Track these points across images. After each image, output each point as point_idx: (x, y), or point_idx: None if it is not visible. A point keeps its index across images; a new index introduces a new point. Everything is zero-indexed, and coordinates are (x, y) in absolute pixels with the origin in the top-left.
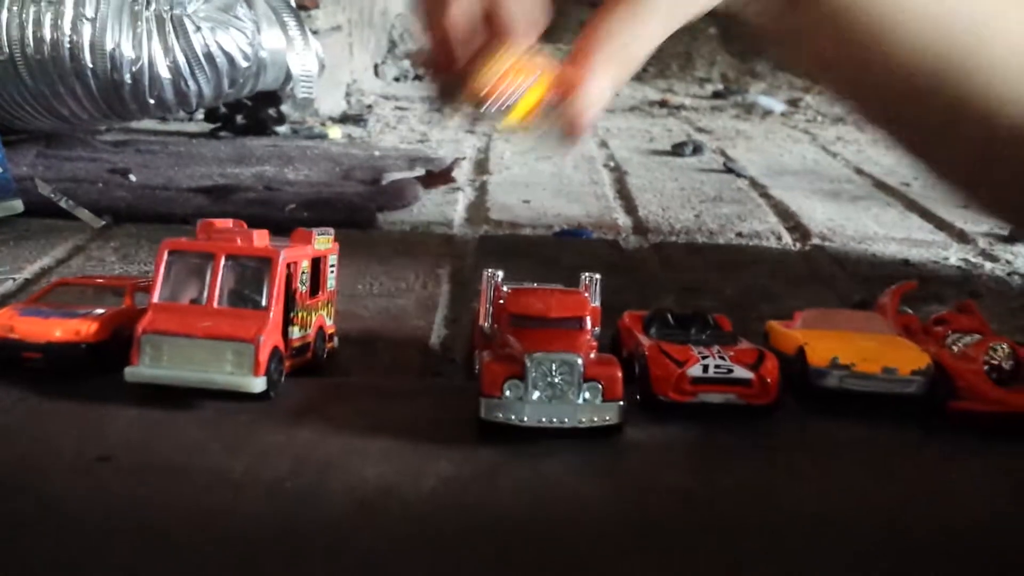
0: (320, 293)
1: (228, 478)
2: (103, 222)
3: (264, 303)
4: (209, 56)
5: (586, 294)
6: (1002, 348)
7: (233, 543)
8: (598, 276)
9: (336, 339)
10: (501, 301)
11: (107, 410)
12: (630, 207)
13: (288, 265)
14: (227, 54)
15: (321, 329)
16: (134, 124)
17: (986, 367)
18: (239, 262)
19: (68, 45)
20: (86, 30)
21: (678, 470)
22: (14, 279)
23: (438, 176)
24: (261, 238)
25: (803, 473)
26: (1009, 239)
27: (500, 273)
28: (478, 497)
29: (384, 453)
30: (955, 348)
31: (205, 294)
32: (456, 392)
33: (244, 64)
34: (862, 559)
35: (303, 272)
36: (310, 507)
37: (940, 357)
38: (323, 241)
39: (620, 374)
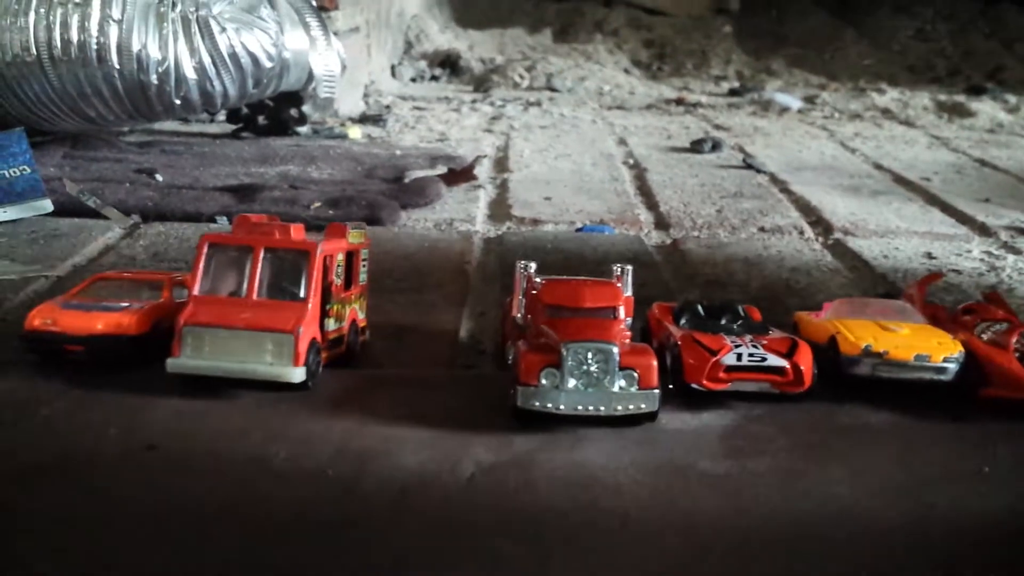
0: (353, 286)
1: (270, 466)
2: (131, 221)
3: (302, 295)
4: (234, 56)
5: (618, 284)
6: None
7: (277, 529)
8: (630, 267)
9: (368, 332)
10: (535, 292)
11: (150, 400)
12: (651, 203)
13: (325, 258)
14: (252, 55)
15: (354, 322)
16: (157, 125)
17: (1016, 354)
18: (278, 255)
19: (95, 47)
20: (113, 31)
21: (711, 457)
22: (47, 276)
23: (460, 174)
24: (297, 232)
25: (835, 460)
26: None
27: (533, 265)
28: (516, 484)
29: (421, 442)
30: (984, 337)
31: (245, 286)
32: (488, 382)
33: (268, 64)
34: (891, 545)
35: (339, 265)
36: (352, 495)
37: (971, 345)
38: (356, 235)
39: (655, 363)
